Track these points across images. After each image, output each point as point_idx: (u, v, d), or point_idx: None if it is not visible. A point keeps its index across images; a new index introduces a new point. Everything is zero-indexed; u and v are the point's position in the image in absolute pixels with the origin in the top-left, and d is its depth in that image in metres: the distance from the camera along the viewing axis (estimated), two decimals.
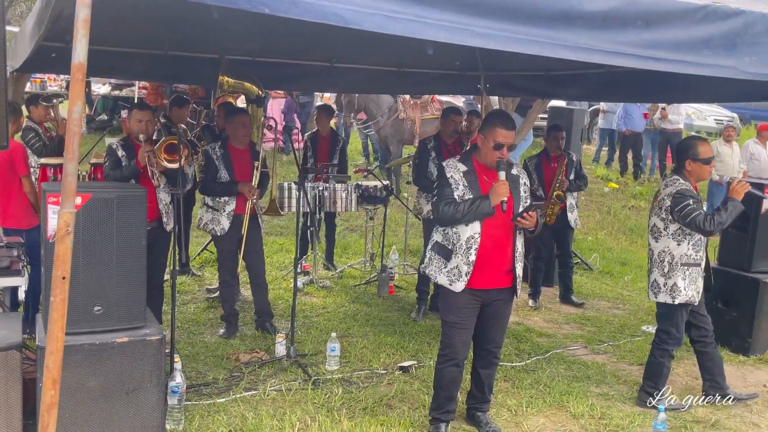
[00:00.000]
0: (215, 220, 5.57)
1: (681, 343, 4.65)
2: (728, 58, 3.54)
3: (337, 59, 7.05)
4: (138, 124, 4.90)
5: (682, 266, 4.47)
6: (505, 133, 3.85)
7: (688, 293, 4.48)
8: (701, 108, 18.65)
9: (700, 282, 4.51)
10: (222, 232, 5.56)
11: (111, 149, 4.96)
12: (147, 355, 3.63)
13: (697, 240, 4.47)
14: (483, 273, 3.86)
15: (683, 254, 4.47)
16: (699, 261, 4.47)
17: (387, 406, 4.47)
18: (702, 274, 4.52)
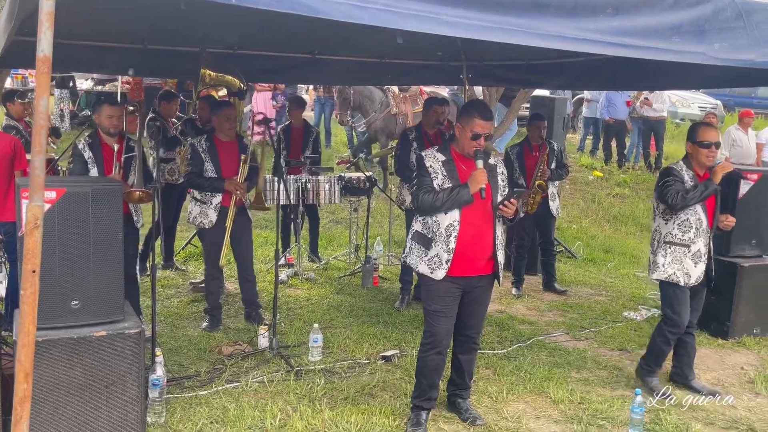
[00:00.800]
0: (203, 212, 5.59)
1: (679, 328, 4.60)
2: (698, 45, 3.57)
3: (318, 51, 7.02)
4: (109, 120, 4.88)
5: (664, 244, 4.60)
6: (483, 123, 3.89)
7: (667, 270, 4.55)
8: (685, 96, 18.78)
9: (689, 264, 4.51)
10: (210, 225, 5.57)
11: (77, 150, 4.90)
12: (126, 348, 3.64)
13: (684, 221, 4.52)
14: (463, 260, 3.90)
15: (668, 233, 4.59)
16: (686, 242, 4.52)
17: (368, 395, 4.50)
18: (693, 258, 4.51)
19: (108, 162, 4.84)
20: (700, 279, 4.56)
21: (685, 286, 4.55)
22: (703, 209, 4.51)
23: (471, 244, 3.89)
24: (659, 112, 13.00)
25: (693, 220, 4.51)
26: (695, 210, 4.50)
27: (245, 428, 3.97)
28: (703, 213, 4.51)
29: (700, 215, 4.51)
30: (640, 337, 5.82)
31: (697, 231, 4.52)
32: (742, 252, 5.89)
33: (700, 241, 4.53)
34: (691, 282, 4.54)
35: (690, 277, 4.54)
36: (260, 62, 6.85)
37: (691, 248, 4.53)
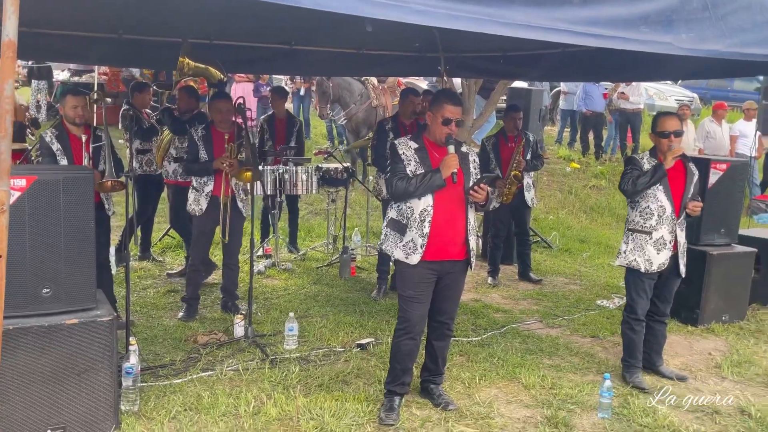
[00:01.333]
0: (196, 200, 5.64)
1: (636, 314, 4.65)
2: (665, 35, 3.64)
3: (296, 41, 7.02)
4: (73, 110, 4.86)
5: (628, 231, 4.71)
6: (453, 108, 3.97)
7: (629, 257, 4.64)
8: (662, 88, 18.97)
9: (651, 252, 4.54)
10: (200, 212, 5.62)
11: (44, 142, 4.87)
12: (98, 336, 3.64)
13: (645, 208, 4.57)
14: (437, 245, 3.96)
15: (632, 220, 4.69)
16: (648, 229, 4.56)
17: (343, 382, 4.54)
18: (655, 245, 4.54)
19: (77, 152, 4.83)
20: (663, 266, 4.58)
21: (646, 273, 4.60)
22: (668, 197, 4.54)
23: (444, 229, 3.96)
24: (636, 104, 13.15)
25: (654, 207, 4.55)
26: (656, 197, 4.54)
27: (219, 415, 3.99)
28: (667, 200, 4.53)
29: (662, 202, 4.54)
30: (612, 324, 5.91)
31: (659, 218, 4.55)
32: (712, 241, 6.00)
33: (663, 228, 4.55)
34: (653, 269, 4.57)
35: (651, 264, 4.56)
36: (237, 53, 6.83)
37: (652, 235, 4.56)
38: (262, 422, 3.93)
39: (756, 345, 5.52)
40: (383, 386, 4.25)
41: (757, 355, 5.28)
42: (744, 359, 5.17)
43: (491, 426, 3.99)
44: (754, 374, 4.94)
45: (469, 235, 4.06)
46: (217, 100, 5.70)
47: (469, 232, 4.06)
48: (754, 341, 5.61)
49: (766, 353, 5.36)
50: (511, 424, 4.04)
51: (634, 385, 4.62)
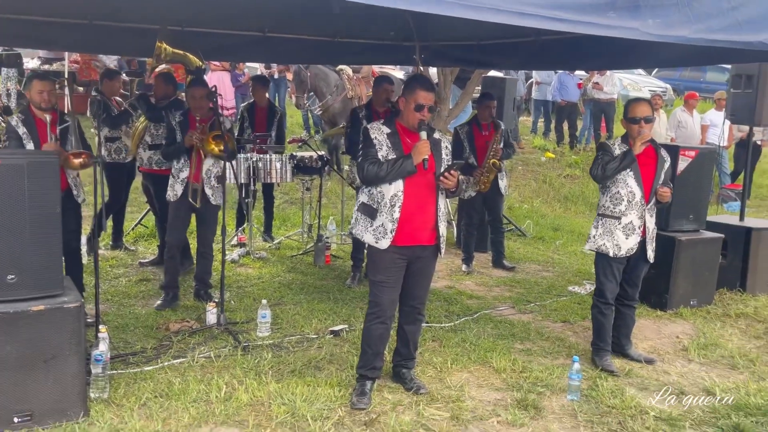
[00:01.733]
0: (172, 185, 5.63)
1: (605, 297, 4.72)
2: (632, 20, 3.67)
3: (270, 29, 6.99)
4: (39, 95, 4.80)
5: (598, 216, 4.77)
6: (425, 94, 3.97)
7: (598, 242, 4.70)
8: (636, 79, 19.18)
9: (620, 237, 4.59)
10: (174, 198, 5.60)
11: (10, 126, 4.81)
12: (65, 322, 3.60)
13: (615, 193, 4.62)
14: (407, 230, 3.98)
15: (602, 205, 4.75)
16: (617, 214, 4.61)
17: (315, 368, 4.55)
18: (624, 230, 4.59)
19: (42, 134, 4.77)
20: (631, 251, 4.63)
21: (614, 257, 4.64)
22: (638, 182, 4.57)
23: (414, 215, 3.97)
24: (610, 94, 13.26)
25: (624, 192, 4.59)
26: (626, 183, 4.58)
27: (190, 401, 3.98)
28: (637, 186, 4.58)
29: (632, 188, 4.58)
30: (582, 309, 5.98)
31: (629, 204, 4.59)
32: (680, 227, 6.09)
33: (632, 213, 4.59)
34: (621, 253, 4.62)
35: (620, 249, 4.61)
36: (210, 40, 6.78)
37: (621, 220, 4.60)
38: (233, 408, 3.92)
39: (722, 328, 5.62)
40: (355, 371, 4.27)
41: (723, 338, 5.38)
42: (710, 342, 5.26)
43: (462, 409, 4.02)
44: (720, 356, 5.04)
45: (439, 222, 4.08)
46: (193, 87, 5.65)
47: (439, 218, 4.08)
48: (721, 324, 5.71)
49: (731, 336, 5.47)
50: (481, 407, 4.08)
51: (603, 368, 4.69)
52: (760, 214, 10.87)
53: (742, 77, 6.77)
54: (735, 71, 7.01)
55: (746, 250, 6.52)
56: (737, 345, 5.28)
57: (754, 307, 6.15)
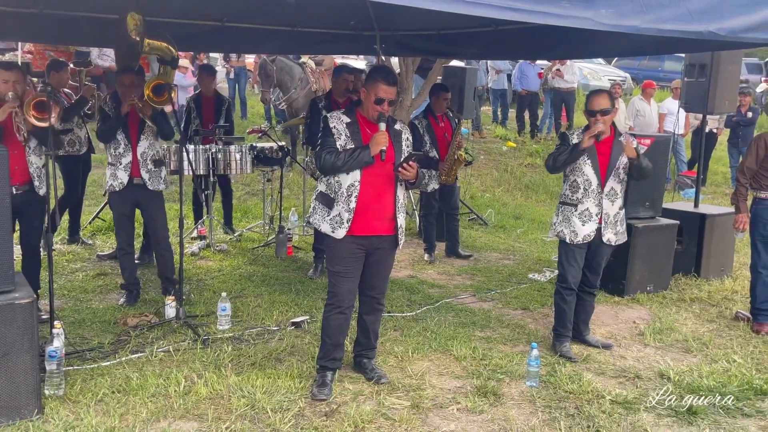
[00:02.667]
0: (113, 174, 5.45)
1: (567, 283, 4.77)
2: (585, 10, 3.70)
3: (228, 18, 6.90)
4: (4, 85, 4.64)
5: (559, 204, 4.86)
6: (386, 88, 3.97)
7: (557, 228, 4.80)
8: (596, 68, 19.45)
9: (577, 224, 4.66)
10: (121, 186, 5.42)
11: None
12: (16, 319, 3.53)
13: (573, 182, 4.71)
14: (363, 220, 3.98)
15: (562, 193, 4.84)
16: (574, 202, 4.70)
17: (276, 359, 4.53)
18: (580, 217, 4.65)
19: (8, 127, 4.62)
20: (589, 237, 4.68)
21: (571, 244, 4.72)
22: (595, 170, 4.63)
23: (371, 205, 3.97)
24: (570, 83, 13.42)
25: (581, 181, 4.67)
26: (582, 171, 4.65)
27: (148, 396, 3.93)
28: (593, 174, 4.64)
29: (588, 176, 4.64)
30: (542, 296, 6.06)
31: (585, 191, 4.67)
32: (637, 213, 6.19)
33: (588, 201, 4.66)
34: (578, 240, 4.68)
35: (576, 235, 4.68)
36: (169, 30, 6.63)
37: (578, 207, 4.68)
38: (192, 401, 3.89)
39: (677, 313, 5.75)
40: (315, 362, 4.26)
41: (678, 323, 5.51)
42: (666, 326, 5.38)
43: (422, 397, 4.05)
44: (675, 340, 5.16)
45: (397, 212, 4.08)
46: (122, 74, 5.48)
47: (397, 209, 4.08)
48: (676, 309, 5.84)
49: (686, 320, 5.60)
50: (442, 395, 4.12)
51: (562, 354, 4.76)
52: (715, 200, 11.13)
53: (696, 66, 6.91)
54: (689, 60, 7.14)
55: (701, 236, 6.67)
56: (691, 329, 5.41)
57: (707, 291, 6.30)
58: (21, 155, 4.66)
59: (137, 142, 5.43)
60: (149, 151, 5.48)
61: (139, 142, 5.43)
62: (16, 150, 4.57)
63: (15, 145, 4.60)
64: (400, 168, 3.91)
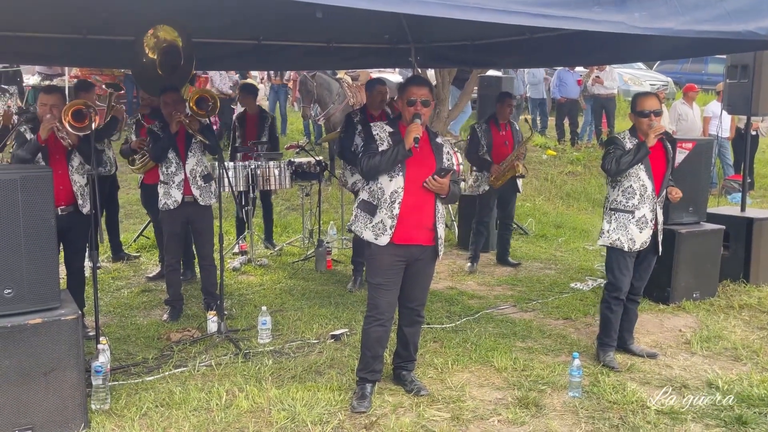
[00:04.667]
0: (167, 193, 5.54)
1: (619, 291, 4.67)
2: (618, 14, 3.67)
3: (264, 37, 7.03)
4: (42, 107, 4.80)
5: (610, 210, 4.73)
6: (415, 89, 4.04)
7: (612, 236, 4.67)
8: (636, 74, 19.13)
9: (634, 231, 4.58)
10: (175, 205, 5.51)
11: (19, 133, 4.85)
12: (63, 335, 3.62)
13: (628, 188, 4.60)
14: (406, 227, 4.00)
15: (614, 199, 4.70)
16: (630, 208, 4.59)
17: (316, 372, 4.55)
18: (638, 224, 4.58)
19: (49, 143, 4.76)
20: (645, 244, 4.62)
21: (629, 252, 4.63)
22: (649, 176, 4.57)
23: (413, 212, 4.00)
24: (610, 89, 13.23)
25: (636, 186, 4.57)
26: (638, 176, 4.57)
27: (191, 410, 3.99)
28: (648, 179, 4.57)
29: (644, 182, 4.57)
30: (584, 306, 5.97)
31: (641, 197, 4.58)
32: (680, 219, 6.06)
33: (644, 207, 4.58)
34: (636, 247, 4.60)
35: (634, 243, 4.60)
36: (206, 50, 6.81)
37: (635, 214, 4.59)
38: (233, 415, 3.93)
39: (725, 320, 5.59)
40: (355, 375, 4.27)
41: (726, 330, 5.35)
42: (713, 334, 5.23)
43: (462, 409, 4.02)
44: (723, 348, 5.01)
45: (437, 223, 4.08)
46: (165, 92, 5.59)
47: (438, 219, 4.09)
48: (724, 316, 5.68)
49: (735, 328, 5.43)
50: (482, 407, 4.07)
51: (606, 364, 4.66)
52: (764, 204, 10.81)
53: (738, 67, 6.75)
54: (731, 62, 6.98)
55: (748, 240, 6.48)
56: (740, 336, 5.25)
57: (757, 297, 6.11)
58: (65, 175, 4.81)
59: (185, 159, 5.54)
60: (198, 168, 5.58)
61: (187, 159, 5.54)
62: (60, 170, 4.72)
63: (59, 165, 4.75)
64: (429, 179, 3.93)
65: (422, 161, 4.04)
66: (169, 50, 5.75)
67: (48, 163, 4.71)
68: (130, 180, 9.64)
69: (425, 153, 4.06)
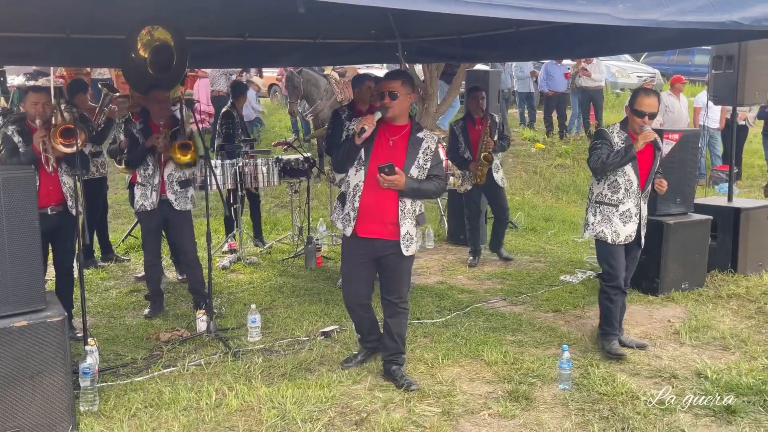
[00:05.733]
0: (144, 194, 5.53)
1: (616, 280, 4.70)
2: (602, 6, 3.66)
3: (250, 33, 6.98)
4: (34, 107, 4.76)
5: (595, 203, 4.76)
6: (386, 83, 4.12)
7: (596, 228, 4.71)
8: (624, 66, 19.18)
9: (618, 224, 4.62)
10: (153, 206, 5.50)
11: (6, 136, 4.81)
12: (49, 337, 3.60)
13: (613, 182, 4.62)
14: (367, 221, 4.11)
15: (599, 193, 4.73)
16: (615, 202, 4.63)
17: (306, 370, 4.54)
18: (622, 217, 4.61)
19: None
20: (630, 238, 4.67)
21: (613, 244, 4.67)
22: (635, 171, 4.59)
23: (374, 207, 4.08)
24: (597, 82, 13.26)
25: (622, 181, 4.60)
26: (624, 171, 4.58)
27: (180, 410, 3.96)
28: (633, 174, 4.59)
29: (630, 176, 4.59)
30: (574, 298, 5.98)
31: (626, 192, 4.61)
32: (668, 210, 6.08)
33: (629, 201, 4.62)
34: (619, 240, 4.65)
35: (618, 236, 4.64)
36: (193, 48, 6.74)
37: (619, 208, 4.63)
38: (223, 414, 3.91)
39: (714, 310, 5.62)
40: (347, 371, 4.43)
41: (714, 320, 5.37)
42: (702, 324, 5.25)
43: (453, 404, 4.02)
44: (711, 338, 5.03)
45: (402, 218, 4.09)
46: (153, 90, 5.55)
47: (403, 214, 4.09)
48: (713, 306, 5.70)
49: (723, 317, 5.46)
50: (473, 401, 4.07)
51: (611, 352, 4.67)
52: (752, 194, 10.85)
53: (723, 58, 6.76)
54: (716, 52, 6.99)
55: (736, 230, 6.51)
56: (729, 326, 5.28)
57: (745, 287, 6.14)
58: (56, 176, 4.80)
59: (165, 164, 5.51)
60: (176, 173, 5.56)
61: (167, 164, 5.52)
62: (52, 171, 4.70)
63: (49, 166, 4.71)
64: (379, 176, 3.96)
65: (389, 156, 4.05)
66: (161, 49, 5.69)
67: (38, 164, 4.66)
68: (118, 180, 9.59)
69: (396, 148, 4.09)
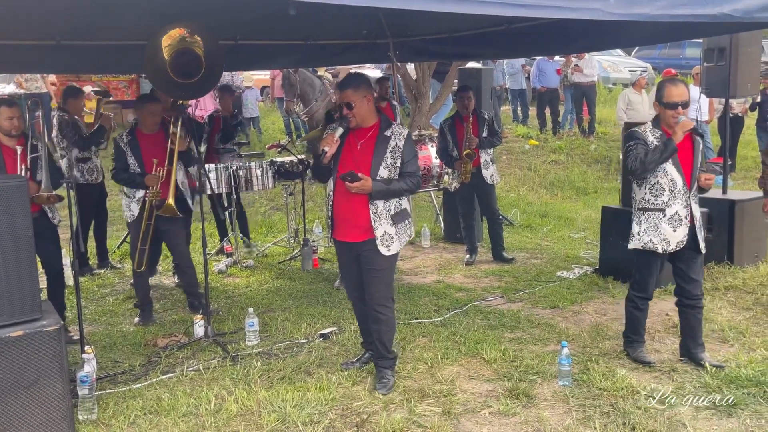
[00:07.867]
0: (127, 205, 5.56)
1: (645, 292, 4.46)
2: (594, 1, 3.66)
3: (241, 36, 6.95)
4: (9, 121, 4.75)
5: (638, 210, 4.38)
6: (340, 95, 4.17)
7: (643, 239, 4.32)
8: (615, 60, 19.20)
9: (667, 230, 4.24)
10: (132, 218, 5.52)
11: None
12: (45, 346, 3.58)
13: (655, 184, 4.25)
14: (342, 227, 4.20)
15: (641, 198, 4.36)
16: (660, 206, 4.25)
17: (305, 372, 4.52)
18: (670, 222, 4.24)
19: (10, 164, 4.71)
20: (682, 244, 4.26)
21: (664, 253, 4.30)
22: (677, 169, 4.21)
23: (345, 212, 4.15)
24: (590, 77, 13.28)
25: (664, 182, 4.22)
26: (665, 171, 4.21)
27: (180, 416, 3.95)
28: (677, 173, 4.22)
29: (672, 175, 4.22)
30: (572, 294, 5.97)
31: (671, 193, 4.23)
32: None
33: (676, 203, 4.22)
34: (671, 248, 4.25)
35: (669, 243, 4.25)
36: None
37: (666, 212, 4.23)
38: (223, 419, 3.90)
39: (711, 302, 5.61)
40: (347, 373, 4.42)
41: (712, 312, 5.37)
42: None
43: (453, 403, 4.01)
44: (710, 330, 5.03)
45: (376, 221, 4.07)
46: (148, 103, 5.53)
47: (377, 216, 4.07)
48: (710, 299, 5.70)
49: (721, 309, 5.47)
50: (473, 399, 4.06)
51: (637, 358, 4.48)
52: (746, 185, 10.87)
53: (714, 50, 6.78)
54: (707, 45, 7.01)
55: (731, 222, 6.52)
56: (727, 318, 5.28)
57: (742, 278, 6.15)
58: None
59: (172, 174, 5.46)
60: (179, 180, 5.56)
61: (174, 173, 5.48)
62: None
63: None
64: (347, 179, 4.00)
65: (357, 161, 4.06)
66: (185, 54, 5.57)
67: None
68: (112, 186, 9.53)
69: (364, 151, 4.09)
